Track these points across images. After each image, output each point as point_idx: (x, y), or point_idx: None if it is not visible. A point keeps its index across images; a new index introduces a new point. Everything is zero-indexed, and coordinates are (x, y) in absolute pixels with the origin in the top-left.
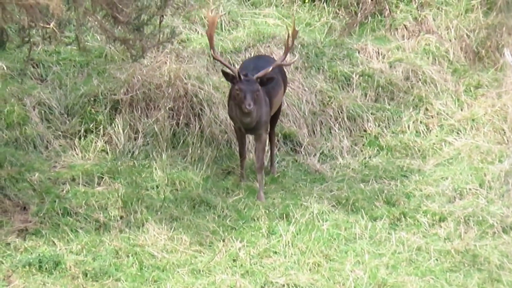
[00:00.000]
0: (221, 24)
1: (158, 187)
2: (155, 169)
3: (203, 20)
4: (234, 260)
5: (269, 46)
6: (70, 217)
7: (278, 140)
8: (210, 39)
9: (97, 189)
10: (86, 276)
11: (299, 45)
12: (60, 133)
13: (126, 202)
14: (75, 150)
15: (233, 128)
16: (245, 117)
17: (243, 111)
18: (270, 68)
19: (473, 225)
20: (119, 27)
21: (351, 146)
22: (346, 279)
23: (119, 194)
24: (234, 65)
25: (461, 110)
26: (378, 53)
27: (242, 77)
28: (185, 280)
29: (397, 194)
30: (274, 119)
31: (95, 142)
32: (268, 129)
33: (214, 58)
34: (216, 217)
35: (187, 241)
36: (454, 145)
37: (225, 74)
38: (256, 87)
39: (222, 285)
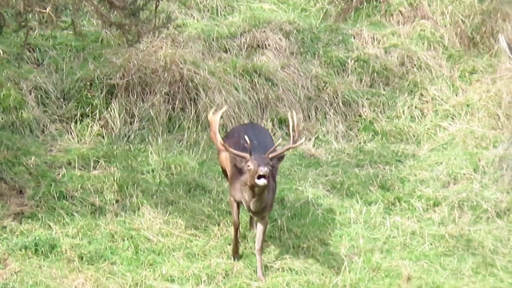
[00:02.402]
0: (217, 9)
1: (153, 171)
2: (151, 153)
3: (199, 6)
4: (229, 244)
5: (264, 31)
6: (66, 201)
7: (273, 125)
8: (214, 137)
9: (93, 173)
10: (82, 259)
11: (295, 30)
12: (56, 117)
13: (122, 186)
14: (71, 134)
15: (230, 199)
16: (255, 202)
17: (258, 185)
18: (284, 149)
19: (467, 210)
20: (115, 12)
21: (346, 131)
22: (341, 263)
23: (115, 178)
24: (228, 50)
25: (456, 95)
26: (374, 38)
27: (253, 154)
28: (180, 263)
29: (391, 179)
30: None
31: (91, 126)
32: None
33: (226, 150)
34: (212, 201)
35: (183, 225)
36: (449, 130)
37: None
38: (268, 161)
39: (218, 269)
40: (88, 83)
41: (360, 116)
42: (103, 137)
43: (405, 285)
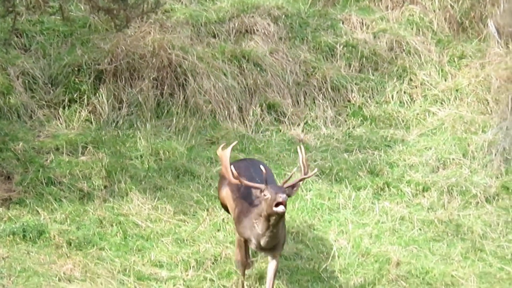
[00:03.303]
0: None
1: (142, 157)
2: (139, 139)
3: None
4: (218, 230)
5: (253, 16)
6: (54, 187)
7: (262, 110)
8: (227, 172)
9: (81, 159)
10: (70, 245)
11: (283, 15)
12: (44, 102)
13: (110, 171)
14: (59, 119)
15: (237, 238)
16: (269, 235)
17: (276, 212)
18: (298, 180)
19: (457, 195)
20: None
21: (335, 116)
22: (330, 248)
23: (103, 163)
24: (216, 36)
25: (445, 80)
26: (362, 23)
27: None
28: (169, 249)
29: (380, 164)
30: None
31: (79, 112)
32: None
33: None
34: (200, 187)
35: (171, 211)
36: (438, 115)
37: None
38: (284, 189)
39: (206, 254)
40: (76, 69)
41: (349, 101)
42: (91, 122)
43: (394, 270)
